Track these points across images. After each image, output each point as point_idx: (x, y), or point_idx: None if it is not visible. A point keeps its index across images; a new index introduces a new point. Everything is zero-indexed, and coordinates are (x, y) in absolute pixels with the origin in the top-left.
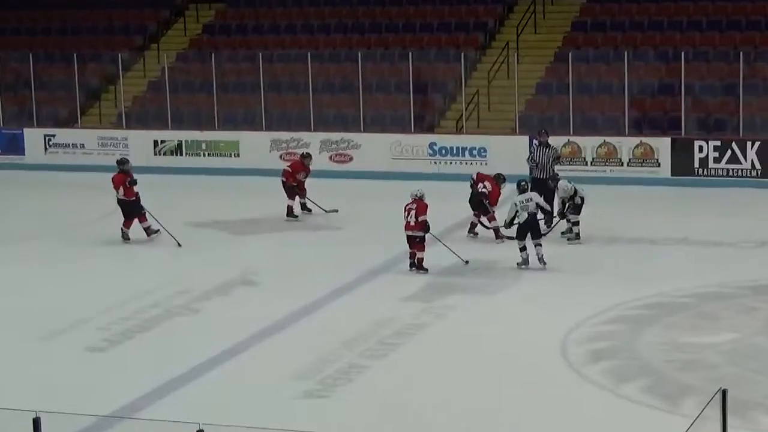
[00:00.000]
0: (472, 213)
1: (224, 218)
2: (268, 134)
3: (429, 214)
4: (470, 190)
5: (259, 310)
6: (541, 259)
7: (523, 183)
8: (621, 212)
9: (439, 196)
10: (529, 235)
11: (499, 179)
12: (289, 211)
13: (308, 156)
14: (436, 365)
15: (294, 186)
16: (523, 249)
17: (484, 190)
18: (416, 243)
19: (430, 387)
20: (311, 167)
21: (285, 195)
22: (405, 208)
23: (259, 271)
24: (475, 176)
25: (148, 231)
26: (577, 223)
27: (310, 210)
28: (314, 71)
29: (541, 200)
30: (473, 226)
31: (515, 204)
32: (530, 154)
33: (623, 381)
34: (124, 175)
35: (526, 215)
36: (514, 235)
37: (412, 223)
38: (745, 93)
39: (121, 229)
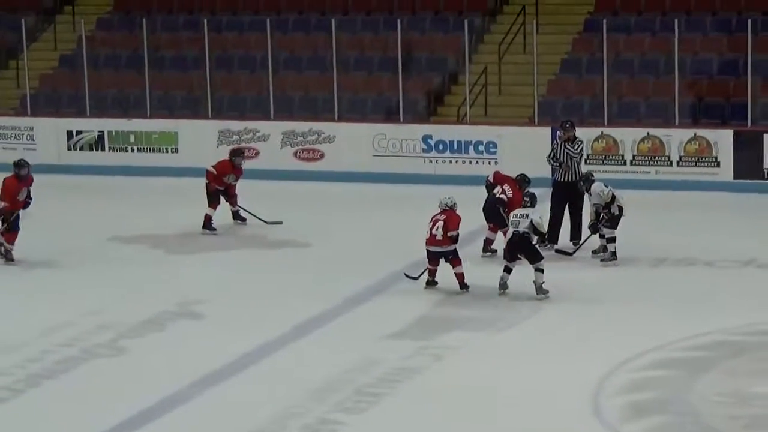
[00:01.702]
0: (487, 226)
1: (158, 232)
2: (215, 123)
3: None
4: (486, 195)
5: (203, 351)
6: (539, 289)
7: (527, 198)
8: (670, 226)
9: (435, 204)
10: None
11: (522, 183)
12: (206, 223)
13: (239, 153)
14: (430, 422)
15: (219, 191)
16: (505, 270)
17: (502, 195)
18: (450, 259)
19: None
20: (244, 167)
21: (207, 202)
22: (432, 219)
23: (203, 301)
24: (492, 177)
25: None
26: (613, 240)
27: (243, 219)
28: (275, 43)
29: (539, 219)
30: (488, 243)
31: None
32: (552, 151)
33: None
34: (17, 182)
35: (511, 233)
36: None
37: (439, 237)
38: None
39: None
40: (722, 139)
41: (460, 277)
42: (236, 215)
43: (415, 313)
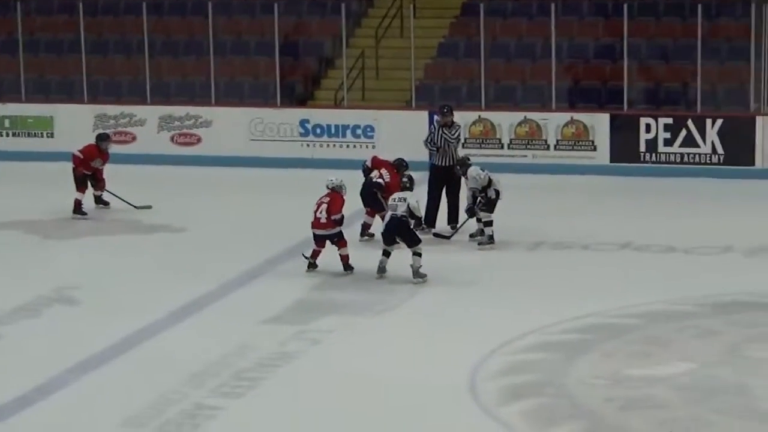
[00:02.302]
0: (365, 210)
1: (33, 217)
2: (91, 108)
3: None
4: (363, 180)
5: (79, 336)
6: (416, 273)
7: (405, 179)
8: (547, 209)
9: (313, 188)
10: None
11: (400, 167)
12: (77, 207)
13: (106, 137)
14: (307, 407)
15: (87, 176)
16: (384, 253)
17: (379, 180)
18: (336, 241)
19: None
20: (110, 151)
21: (75, 186)
22: (317, 201)
23: (79, 286)
24: (369, 161)
25: None
26: (490, 223)
27: (106, 203)
28: (150, 26)
29: (415, 204)
30: (366, 227)
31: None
32: (429, 135)
33: (549, 425)
34: None
35: (389, 216)
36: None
37: (323, 221)
38: (704, 57)
39: None
40: (599, 123)
41: (344, 258)
42: (99, 199)
43: (292, 297)
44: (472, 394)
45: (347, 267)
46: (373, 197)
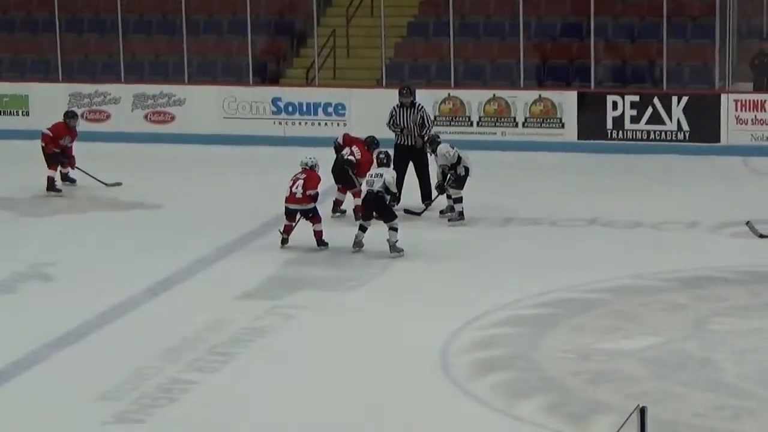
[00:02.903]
0: (336, 187)
1: (9, 194)
2: (66, 86)
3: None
4: (335, 157)
5: (55, 312)
6: (393, 247)
7: (382, 155)
8: (516, 186)
9: (285, 165)
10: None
11: (371, 145)
12: (50, 184)
13: (73, 115)
14: (281, 381)
15: (57, 153)
16: (360, 228)
17: (351, 157)
18: (310, 216)
19: (274, 409)
20: (78, 129)
21: (46, 164)
22: (292, 178)
23: (56, 262)
24: (341, 139)
25: None
26: (460, 200)
27: (73, 180)
28: (124, 6)
29: (391, 179)
30: (338, 203)
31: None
32: (391, 117)
33: (519, 398)
34: None
35: (366, 192)
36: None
37: (299, 196)
38: (670, 35)
39: None
40: (566, 101)
41: (318, 234)
42: (65, 177)
43: (266, 272)
44: (444, 368)
45: (321, 243)
46: (345, 174)
